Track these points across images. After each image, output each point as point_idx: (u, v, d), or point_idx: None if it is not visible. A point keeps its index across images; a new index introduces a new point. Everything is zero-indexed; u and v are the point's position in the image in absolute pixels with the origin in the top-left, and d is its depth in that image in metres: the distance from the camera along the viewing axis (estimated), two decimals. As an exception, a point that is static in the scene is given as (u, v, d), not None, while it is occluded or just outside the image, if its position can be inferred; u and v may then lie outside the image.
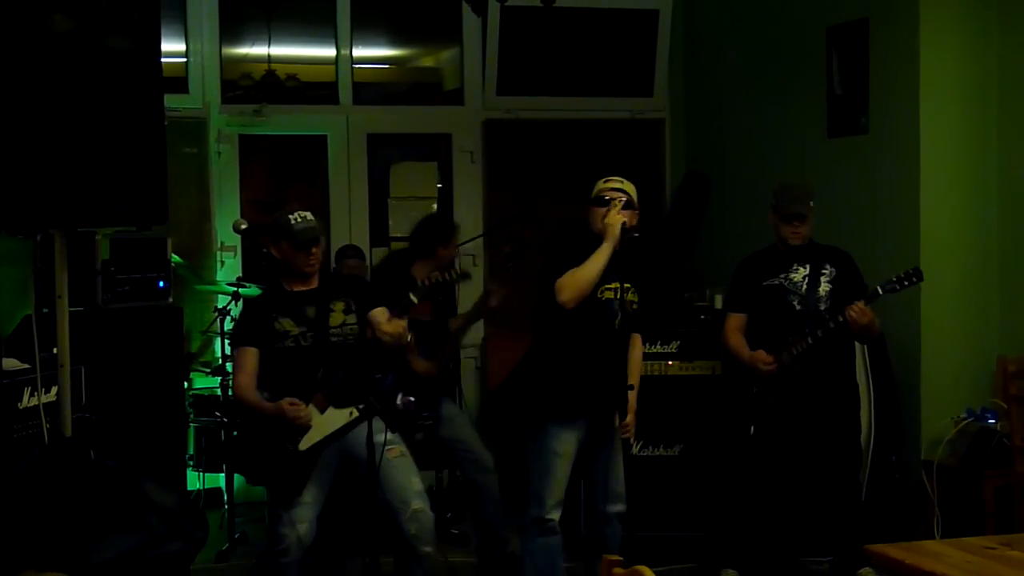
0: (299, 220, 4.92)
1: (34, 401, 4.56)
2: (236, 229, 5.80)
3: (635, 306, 4.97)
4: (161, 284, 6.10)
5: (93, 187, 4.19)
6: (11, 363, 4.61)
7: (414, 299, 4.87)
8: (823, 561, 5.79)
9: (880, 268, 6.16)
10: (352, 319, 4.93)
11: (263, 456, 4.80)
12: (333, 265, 6.89)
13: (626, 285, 4.88)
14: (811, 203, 5.43)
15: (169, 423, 6.01)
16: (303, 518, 4.75)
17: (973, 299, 6.14)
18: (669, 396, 5.82)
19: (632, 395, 4.94)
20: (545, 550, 5.02)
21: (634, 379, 5.02)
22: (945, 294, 5.47)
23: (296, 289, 4.96)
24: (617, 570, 2.72)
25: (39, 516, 3.84)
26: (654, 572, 2.58)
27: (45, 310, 4.69)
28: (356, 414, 4.84)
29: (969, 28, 6.12)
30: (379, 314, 4.92)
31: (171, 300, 6.21)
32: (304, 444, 4.76)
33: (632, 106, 8.13)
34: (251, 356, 4.88)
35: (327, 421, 4.80)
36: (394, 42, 8.54)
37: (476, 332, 7.72)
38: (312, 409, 4.78)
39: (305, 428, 4.76)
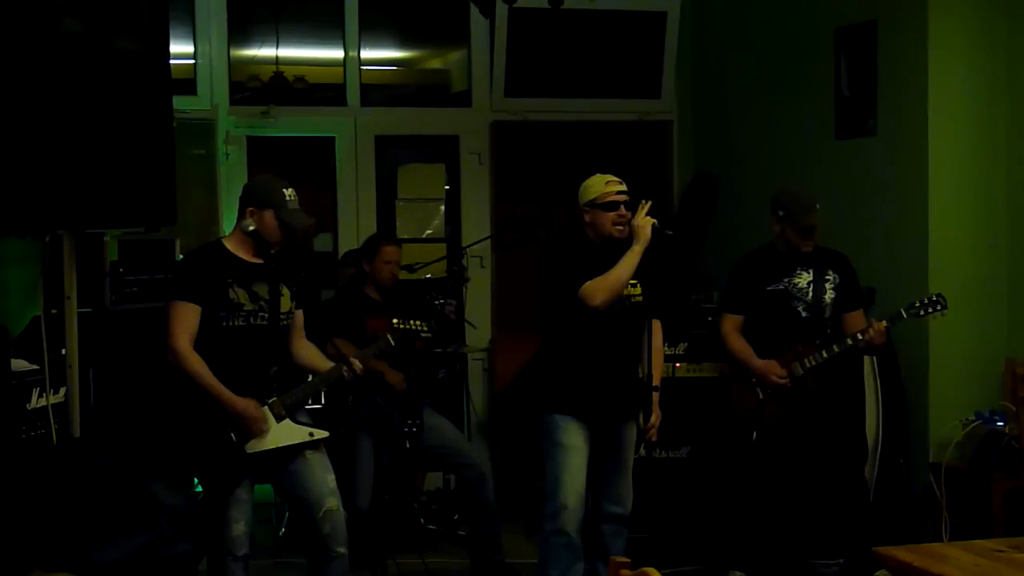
0: (292, 199, 4.59)
1: (43, 402, 4.57)
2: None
3: (637, 299, 4.97)
4: (169, 285, 6.11)
5: (102, 189, 4.21)
6: (20, 364, 4.63)
7: (391, 341, 4.83)
8: (832, 564, 5.79)
9: (887, 271, 6.18)
10: (294, 307, 4.67)
11: (202, 444, 4.51)
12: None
13: (630, 281, 4.88)
14: (818, 206, 5.44)
15: (177, 424, 6.01)
16: (237, 517, 4.54)
17: (981, 302, 6.13)
18: (676, 398, 5.80)
19: (656, 395, 4.94)
20: (555, 552, 4.98)
21: (656, 371, 4.99)
22: (953, 297, 5.45)
23: (244, 257, 4.58)
24: (624, 572, 2.72)
25: (48, 516, 3.85)
26: (661, 574, 2.58)
27: (54, 311, 4.70)
28: (316, 435, 4.60)
29: (977, 30, 6.11)
30: (298, 317, 4.73)
31: (179, 301, 6.22)
32: (252, 448, 4.51)
33: (640, 108, 8.12)
34: (195, 315, 4.44)
35: (281, 433, 4.54)
36: (402, 44, 8.54)
37: (483, 336, 7.73)
38: (267, 413, 4.52)
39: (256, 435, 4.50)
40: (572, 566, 4.99)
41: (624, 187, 4.96)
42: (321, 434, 4.64)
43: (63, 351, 4.58)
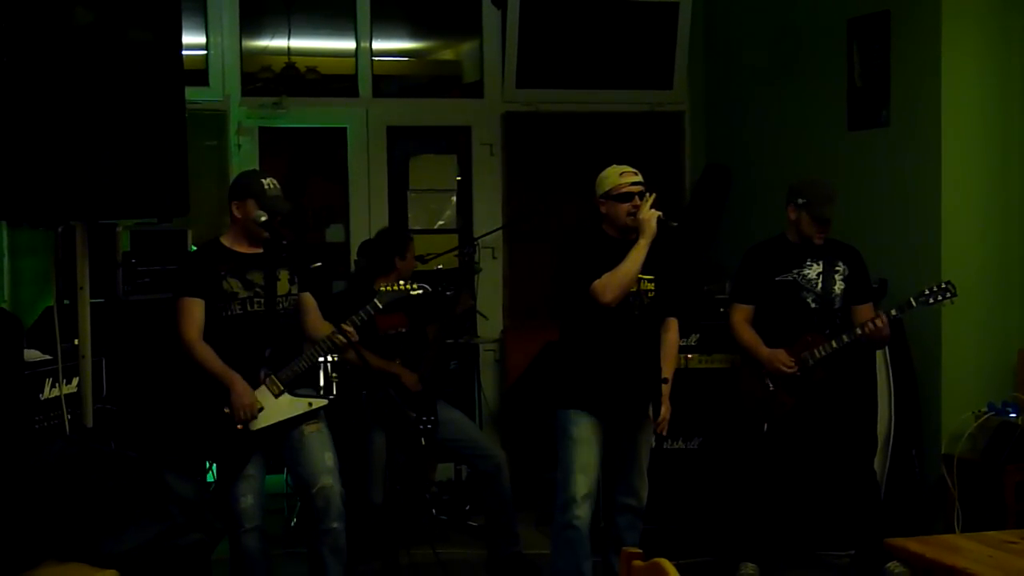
0: (271, 187, 4.77)
1: (55, 392, 4.58)
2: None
3: (651, 295, 4.97)
4: (181, 276, 6.11)
5: (114, 179, 4.21)
6: (33, 354, 4.64)
7: (379, 304, 4.87)
8: (843, 555, 5.79)
9: (900, 262, 6.17)
10: (295, 290, 4.87)
11: (210, 428, 4.72)
12: (355, 257, 6.93)
13: (645, 276, 4.88)
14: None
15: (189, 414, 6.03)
16: (246, 492, 4.73)
17: (994, 293, 6.12)
18: (688, 389, 5.80)
19: (666, 388, 4.95)
20: (566, 545, 4.99)
21: (669, 367, 5.02)
22: (966, 288, 5.44)
23: (240, 250, 4.83)
24: (637, 562, 2.72)
25: (60, 506, 3.86)
26: (673, 565, 2.58)
27: (66, 302, 4.71)
28: (315, 405, 4.81)
29: (991, 20, 6.09)
30: (309, 299, 4.91)
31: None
32: (255, 425, 4.71)
33: (652, 98, 8.12)
34: (200, 308, 4.72)
35: (281, 407, 4.74)
36: (414, 35, 8.54)
37: (494, 326, 7.73)
38: (264, 391, 4.73)
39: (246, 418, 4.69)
40: (582, 560, 5.00)
41: (639, 178, 4.96)
42: (320, 403, 4.85)
43: (75, 341, 4.59)
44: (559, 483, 4.99)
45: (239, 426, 4.68)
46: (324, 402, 4.88)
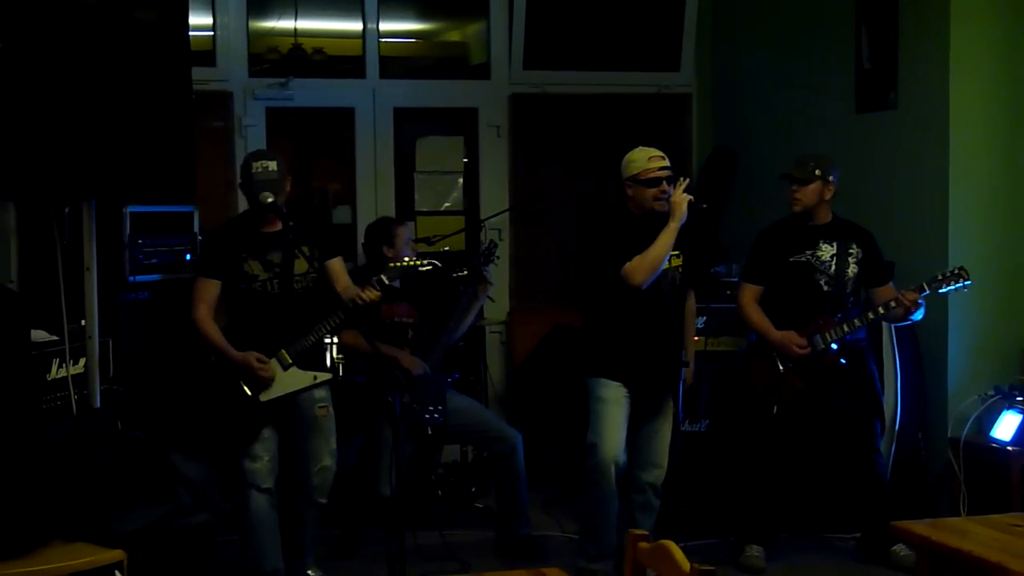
0: (260, 170, 4.88)
1: (62, 372, 4.60)
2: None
3: (680, 271, 5.06)
4: (188, 257, 6.11)
5: (121, 161, 4.21)
6: (40, 334, 4.65)
7: (384, 279, 4.89)
8: (848, 538, 5.79)
9: (907, 245, 6.15)
10: (316, 265, 5.00)
11: (222, 404, 4.92)
12: (362, 240, 6.90)
13: (673, 252, 4.96)
14: (816, 170, 5.41)
15: (196, 395, 6.03)
16: (262, 453, 4.93)
17: (1002, 276, 6.11)
18: (695, 372, 5.80)
19: (688, 370, 5.12)
20: (596, 500, 5.13)
21: (689, 341, 5.26)
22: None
23: (263, 229, 4.99)
24: (642, 544, 2.73)
25: (67, 487, 3.87)
26: (679, 547, 2.58)
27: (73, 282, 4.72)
28: (319, 379, 4.99)
29: (1000, 1, 6.06)
30: (336, 264, 5.05)
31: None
32: (265, 396, 4.91)
33: (659, 81, 8.09)
34: (214, 288, 4.93)
35: (289, 379, 4.93)
36: (421, 16, 8.51)
37: (501, 309, 7.73)
38: (274, 363, 4.91)
39: (267, 383, 4.88)
40: (611, 512, 5.17)
41: (666, 162, 5.01)
42: (324, 376, 5.06)
43: (82, 322, 4.59)
44: (588, 443, 5.10)
45: (248, 393, 4.83)
46: (328, 376, 5.09)
